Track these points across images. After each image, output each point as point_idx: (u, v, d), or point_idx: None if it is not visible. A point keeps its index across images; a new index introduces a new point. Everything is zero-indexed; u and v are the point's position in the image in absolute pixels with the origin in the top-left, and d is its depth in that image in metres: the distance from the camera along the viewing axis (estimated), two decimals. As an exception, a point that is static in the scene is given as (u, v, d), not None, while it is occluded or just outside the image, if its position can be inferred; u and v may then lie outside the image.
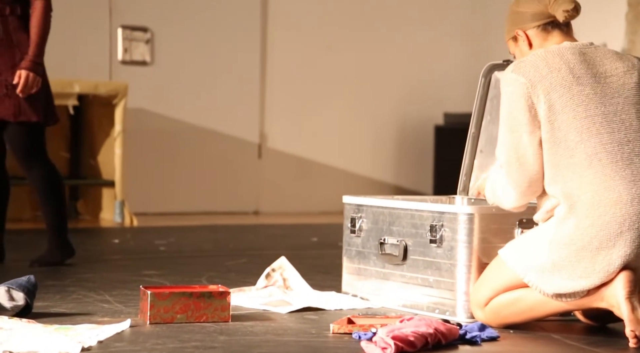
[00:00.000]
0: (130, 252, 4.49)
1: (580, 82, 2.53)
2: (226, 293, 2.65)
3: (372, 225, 3.02)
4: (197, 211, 6.62)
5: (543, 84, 2.53)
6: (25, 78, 3.56)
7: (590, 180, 2.48)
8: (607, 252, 2.45)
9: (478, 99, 3.17)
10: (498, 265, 2.61)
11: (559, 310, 2.56)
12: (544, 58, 2.56)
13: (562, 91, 2.52)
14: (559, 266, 2.48)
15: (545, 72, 2.53)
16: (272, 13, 6.88)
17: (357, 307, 2.95)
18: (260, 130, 6.89)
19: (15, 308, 2.64)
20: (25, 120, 3.61)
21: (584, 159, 2.49)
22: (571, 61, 2.55)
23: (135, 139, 6.23)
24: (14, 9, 3.60)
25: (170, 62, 6.53)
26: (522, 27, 2.64)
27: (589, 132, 2.50)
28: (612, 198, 2.46)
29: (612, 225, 2.45)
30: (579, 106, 2.51)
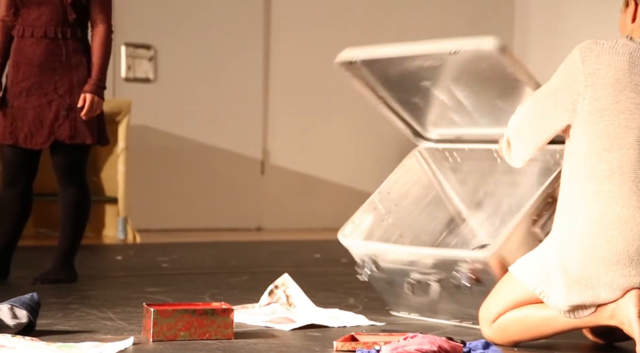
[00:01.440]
0: (133, 268, 4.49)
1: (635, 90, 2.45)
2: (229, 311, 2.65)
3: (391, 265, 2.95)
4: (200, 228, 6.62)
5: (595, 78, 2.46)
6: (90, 101, 3.61)
7: (606, 192, 2.44)
8: (610, 267, 2.42)
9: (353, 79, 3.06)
10: (508, 281, 2.59)
11: (567, 328, 2.53)
12: (614, 52, 2.47)
13: (610, 91, 2.45)
14: (567, 272, 2.45)
15: (604, 66, 2.46)
16: (274, 31, 6.90)
17: (361, 324, 2.95)
18: (263, 146, 6.89)
19: (19, 326, 2.63)
20: (79, 142, 3.66)
21: (606, 170, 2.44)
22: (638, 66, 2.46)
23: (138, 155, 6.24)
24: (74, 31, 3.64)
25: (173, 79, 6.54)
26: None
27: (620, 142, 2.44)
28: (624, 215, 2.42)
29: (619, 241, 2.42)
30: (622, 113, 2.44)
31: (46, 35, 3.62)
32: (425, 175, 3.23)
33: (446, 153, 3.19)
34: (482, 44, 2.63)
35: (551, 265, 2.48)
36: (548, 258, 2.49)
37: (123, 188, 5.80)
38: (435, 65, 2.78)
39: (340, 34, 7.06)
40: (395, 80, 3.00)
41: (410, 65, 2.86)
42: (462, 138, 3.12)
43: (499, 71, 2.74)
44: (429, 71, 2.84)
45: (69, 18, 3.63)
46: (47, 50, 3.62)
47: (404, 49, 2.80)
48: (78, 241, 3.80)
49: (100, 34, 3.66)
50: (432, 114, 3.08)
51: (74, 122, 3.64)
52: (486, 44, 2.62)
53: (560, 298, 2.48)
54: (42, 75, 3.64)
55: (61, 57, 3.63)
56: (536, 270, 2.51)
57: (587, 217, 2.45)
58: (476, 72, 2.78)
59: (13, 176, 3.75)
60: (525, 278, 2.52)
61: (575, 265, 2.44)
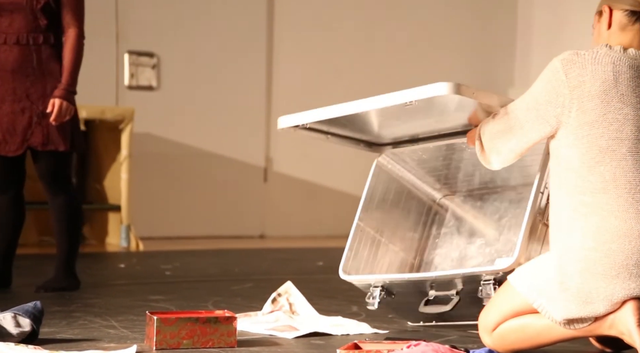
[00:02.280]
0: (136, 276, 4.49)
1: (622, 100, 2.42)
2: (232, 319, 2.65)
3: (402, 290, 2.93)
4: (203, 235, 6.62)
5: (581, 90, 2.43)
6: (59, 106, 3.60)
7: (602, 205, 2.41)
8: (610, 281, 2.40)
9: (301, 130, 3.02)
10: (507, 290, 2.58)
11: (566, 337, 2.52)
12: (596, 62, 2.44)
13: (598, 103, 2.42)
14: (566, 286, 2.44)
15: (588, 78, 2.43)
16: (277, 38, 6.91)
17: (364, 332, 2.94)
18: (266, 154, 6.90)
19: (22, 335, 2.63)
20: (53, 149, 3.65)
21: (599, 182, 2.42)
22: (622, 75, 2.43)
23: (141, 163, 6.25)
24: (47, 37, 3.63)
25: (176, 87, 6.55)
26: (612, 4, 2.52)
27: (613, 154, 2.41)
28: (622, 229, 2.40)
29: (619, 255, 2.40)
30: (611, 124, 2.42)
31: (19, 41, 3.61)
32: (393, 179, 3.23)
33: (406, 153, 3.18)
34: (437, 92, 2.57)
35: (550, 279, 2.47)
36: (547, 272, 2.48)
37: (126, 196, 5.80)
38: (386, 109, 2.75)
39: (343, 42, 7.07)
40: (344, 124, 3.01)
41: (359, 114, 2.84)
42: (418, 136, 3.11)
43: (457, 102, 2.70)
44: (380, 113, 2.83)
45: (40, 24, 3.61)
46: (20, 57, 3.61)
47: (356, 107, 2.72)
48: (76, 247, 3.79)
49: (71, 39, 3.65)
50: (382, 126, 3.05)
51: (47, 128, 3.63)
52: (442, 91, 2.57)
53: (557, 312, 2.47)
54: (15, 81, 3.62)
55: (33, 63, 3.61)
56: (535, 283, 2.50)
57: (585, 231, 2.43)
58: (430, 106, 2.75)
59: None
60: (524, 290, 2.51)
61: (575, 279, 2.43)
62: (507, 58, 7.57)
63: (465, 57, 7.47)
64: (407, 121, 2.94)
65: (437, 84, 2.57)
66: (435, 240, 3.24)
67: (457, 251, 3.18)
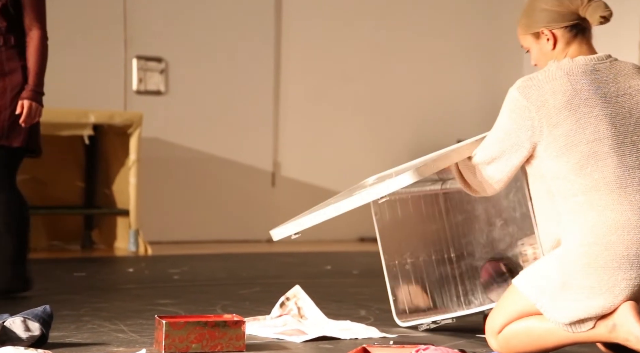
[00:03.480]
0: (145, 281, 4.50)
1: (588, 104, 2.48)
2: (241, 323, 2.65)
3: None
4: (211, 239, 6.63)
5: (546, 108, 2.49)
6: (28, 107, 3.58)
7: (596, 201, 2.44)
8: (612, 273, 2.42)
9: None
10: (512, 293, 2.59)
11: (569, 342, 2.52)
12: (551, 79, 2.51)
13: (566, 114, 2.48)
14: (568, 285, 2.45)
15: (549, 96, 2.49)
16: (285, 42, 6.92)
17: (373, 336, 2.95)
18: (274, 158, 6.90)
19: (31, 339, 2.64)
20: (5, 144, 3.62)
21: (589, 182, 2.45)
22: (579, 82, 2.50)
23: (149, 168, 6.26)
24: (7, 39, 3.63)
25: (184, 92, 6.56)
26: (550, 26, 2.57)
27: (596, 155, 2.46)
28: (619, 221, 2.43)
29: (619, 246, 2.42)
30: (586, 129, 2.47)
31: None
32: (394, 201, 3.29)
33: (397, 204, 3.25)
34: (403, 183, 2.65)
35: (552, 280, 2.48)
36: (549, 273, 2.50)
37: (134, 201, 5.81)
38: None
39: (351, 47, 7.08)
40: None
41: None
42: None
43: None
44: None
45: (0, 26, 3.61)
46: None
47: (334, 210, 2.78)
48: (23, 248, 3.66)
49: (35, 40, 3.63)
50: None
51: (2, 123, 3.60)
52: (407, 181, 2.64)
53: (559, 312, 2.48)
54: None
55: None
56: (538, 284, 2.51)
57: (582, 228, 2.45)
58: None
59: None
60: (528, 291, 2.53)
61: (577, 277, 2.44)
62: (514, 64, 7.57)
63: (473, 64, 7.47)
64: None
65: (401, 176, 2.65)
66: (459, 229, 3.26)
67: (483, 236, 3.21)
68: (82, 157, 6.10)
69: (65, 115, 5.56)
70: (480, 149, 2.64)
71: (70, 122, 5.58)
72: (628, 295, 2.43)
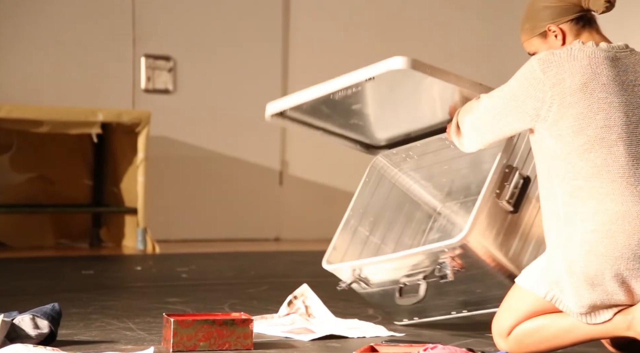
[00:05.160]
0: (153, 279, 4.50)
1: (604, 89, 2.44)
2: (249, 321, 2.66)
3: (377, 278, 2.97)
4: (219, 238, 6.63)
5: (561, 87, 2.45)
6: None
7: (597, 189, 2.42)
8: (614, 261, 2.40)
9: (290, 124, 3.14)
10: (517, 292, 2.57)
11: (584, 338, 2.51)
12: (572, 59, 2.47)
13: (581, 96, 2.44)
14: (572, 272, 2.43)
15: (567, 75, 2.45)
16: (293, 41, 6.92)
17: (381, 335, 2.95)
18: (282, 157, 6.91)
19: (40, 337, 2.65)
20: None
21: (591, 168, 2.42)
22: (600, 66, 2.46)
23: (157, 166, 6.27)
24: None
25: (192, 91, 6.57)
26: (556, 21, 2.54)
27: (602, 142, 2.42)
28: (619, 210, 2.41)
29: (620, 235, 2.40)
30: (597, 114, 2.43)
31: None
32: (389, 182, 3.27)
33: (402, 154, 3.23)
34: (392, 66, 2.69)
35: (558, 270, 2.46)
36: (553, 264, 2.47)
37: (142, 199, 5.82)
38: (357, 90, 2.85)
39: (359, 45, 7.07)
40: (327, 114, 3.08)
41: (335, 98, 2.94)
42: (410, 136, 3.15)
43: (420, 79, 2.78)
44: (354, 96, 2.92)
45: None
46: None
47: (323, 88, 2.89)
48: None
49: None
50: (374, 125, 3.14)
51: None
52: (396, 65, 2.67)
53: (571, 300, 2.46)
54: None
55: None
56: (543, 277, 2.49)
57: (583, 216, 2.43)
58: (399, 84, 2.84)
59: None
60: (534, 286, 2.51)
61: (580, 264, 2.42)
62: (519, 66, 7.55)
63: (478, 65, 7.46)
64: (398, 119, 3.00)
65: (393, 58, 2.70)
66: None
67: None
68: (90, 156, 6.11)
69: (74, 113, 5.57)
70: (484, 98, 2.60)
71: (79, 120, 5.58)
72: (633, 285, 2.41)
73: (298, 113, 3.10)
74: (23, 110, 5.46)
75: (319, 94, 2.87)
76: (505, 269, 2.74)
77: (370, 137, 3.21)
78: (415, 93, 2.87)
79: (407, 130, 3.13)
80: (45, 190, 6.02)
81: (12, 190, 5.93)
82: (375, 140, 3.23)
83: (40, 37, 6.05)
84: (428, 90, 2.85)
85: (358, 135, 3.20)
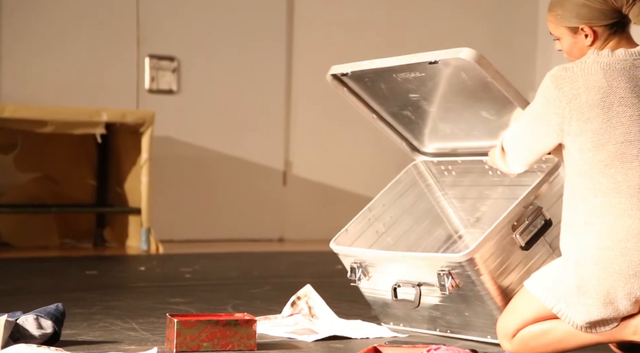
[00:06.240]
0: (156, 279, 4.51)
1: (622, 103, 2.41)
2: (252, 322, 2.66)
3: (377, 271, 2.97)
4: (223, 238, 6.64)
5: (578, 103, 2.42)
6: None
7: (615, 205, 2.41)
8: (627, 280, 2.39)
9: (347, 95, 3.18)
10: (525, 296, 2.56)
11: (589, 342, 2.51)
12: (586, 73, 2.43)
13: (599, 112, 2.41)
14: (584, 289, 2.43)
15: (582, 90, 2.42)
16: (297, 41, 6.93)
17: (384, 336, 2.95)
18: (285, 157, 6.91)
19: (44, 337, 2.65)
20: None
21: (611, 183, 2.41)
22: (617, 78, 2.42)
23: (161, 166, 6.27)
24: None
25: (196, 91, 6.58)
26: (591, 23, 2.47)
27: (623, 157, 2.40)
28: (637, 227, 2.39)
29: (635, 254, 2.39)
30: (617, 129, 2.41)
31: None
32: (422, 190, 3.26)
33: (442, 167, 3.22)
34: (459, 53, 2.73)
35: (568, 284, 2.46)
36: (565, 277, 2.47)
37: (146, 199, 5.83)
38: (419, 76, 2.85)
39: (363, 45, 7.07)
40: (385, 95, 3.07)
41: (396, 78, 2.94)
42: (457, 151, 3.15)
43: (480, 82, 2.78)
44: (414, 83, 2.92)
45: None
46: None
47: (387, 61, 2.91)
48: None
49: None
50: (425, 127, 3.12)
51: None
52: (463, 54, 2.72)
53: (579, 317, 2.46)
54: None
55: None
56: (552, 288, 2.49)
57: (600, 231, 2.42)
58: (460, 84, 2.83)
59: None
60: (542, 295, 2.50)
61: (593, 282, 2.42)
62: (527, 68, 7.55)
63: (485, 61, 7.45)
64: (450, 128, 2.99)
65: (461, 48, 2.75)
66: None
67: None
68: (94, 156, 6.12)
69: (78, 113, 5.58)
70: (519, 120, 2.58)
71: (83, 120, 5.59)
72: None
73: (358, 84, 3.10)
74: (27, 110, 5.47)
75: (382, 65, 2.87)
76: (497, 300, 2.74)
77: (418, 138, 3.20)
78: (473, 103, 2.85)
79: (456, 145, 3.12)
80: (49, 190, 6.03)
81: (16, 190, 5.94)
82: (423, 144, 3.22)
83: (45, 38, 6.06)
84: (486, 102, 2.82)
85: (407, 132, 3.19)
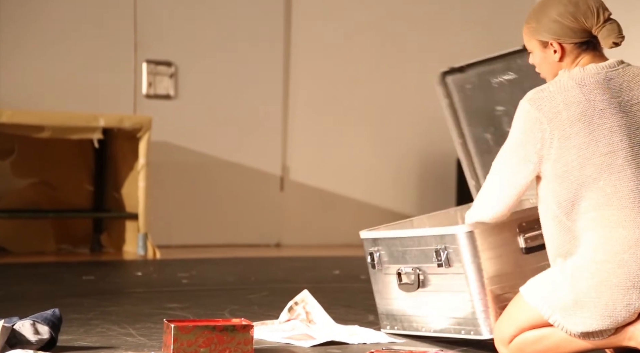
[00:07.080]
0: (153, 284, 4.50)
1: (602, 115, 2.42)
2: (249, 327, 2.66)
3: (389, 257, 3.00)
4: (220, 244, 6.63)
5: (559, 120, 2.43)
6: None
7: (608, 217, 2.40)
8: (626, 291, 2.39)
9: (447, 108, 3.19)
10: (522, 304, 2.55)
11: (585, 348, 2.51)
12: (563, 90, 2.45)
13: (581, 127, 2.42)
14: (581, 303, 2.43)
15: (562, 107, 2.43)
16: (294, 47, 6.93)
17: (381, 341, 2.95)
18: (283, 162, 6.91)
19: (40, 342, 2.65)
20: None
21: (601, 197, 2.40)
22: (592, 92, 2.44)
23: (158, 172, 6.27)
24: None
25: (193, 96, 6.58)
26: (560, 39, 2.49)
27: (610, 168, 2.40)
28: (632, 238, 2.39)
29: (632, 265, 2.39)
30: (599, 142, 2.41)
31: None
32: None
33: None
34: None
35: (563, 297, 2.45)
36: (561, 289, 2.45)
37: (143, 204, 5.82)
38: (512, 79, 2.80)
39: (361, 51, 7.08)
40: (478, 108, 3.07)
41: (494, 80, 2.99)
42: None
43: None
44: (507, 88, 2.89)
45: None
46: None
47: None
48: None
49: None
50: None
51: None
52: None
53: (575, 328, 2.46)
54: None
55: None
56: (548, 298, 2.48)
57: (594, 245, 2.41)
58: None
59: None
60: (539, 304, 2.49)
61: (591, 295, 2.42)
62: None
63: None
64: None
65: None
66: None
67: None
68: (92, 161, 6.12)
69: (75, 118, 5.58)
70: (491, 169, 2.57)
71: (80, 125, 5.59)
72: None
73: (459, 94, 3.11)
74: (24, 115, 5.47)
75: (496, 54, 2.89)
76: (486, 302, 2.73)
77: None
78: None
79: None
80: (46, 196, 6.02)
81: (13, 196, 5.94)
82: None
83: (42, 43, 6.06)
84: None
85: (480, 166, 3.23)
